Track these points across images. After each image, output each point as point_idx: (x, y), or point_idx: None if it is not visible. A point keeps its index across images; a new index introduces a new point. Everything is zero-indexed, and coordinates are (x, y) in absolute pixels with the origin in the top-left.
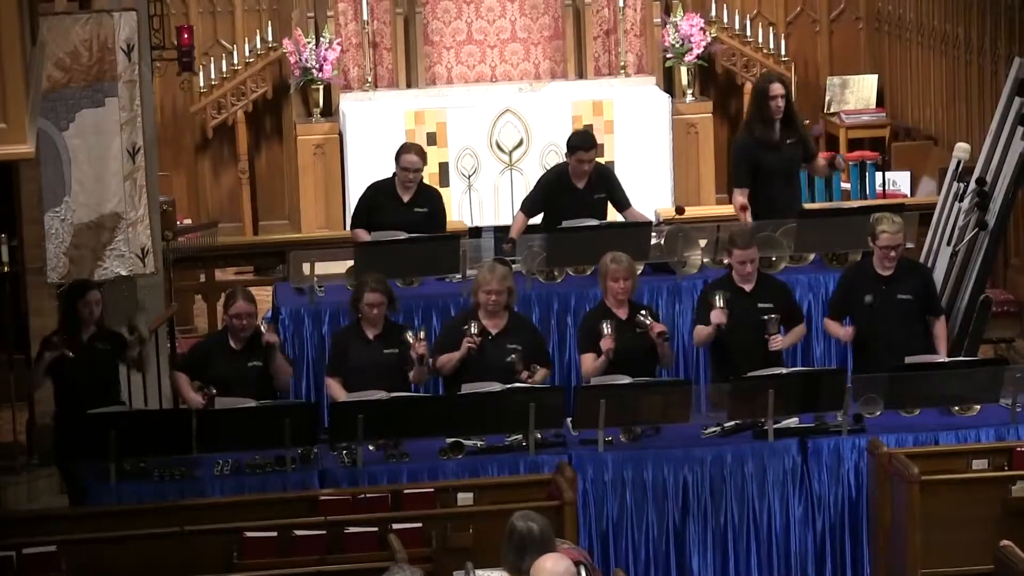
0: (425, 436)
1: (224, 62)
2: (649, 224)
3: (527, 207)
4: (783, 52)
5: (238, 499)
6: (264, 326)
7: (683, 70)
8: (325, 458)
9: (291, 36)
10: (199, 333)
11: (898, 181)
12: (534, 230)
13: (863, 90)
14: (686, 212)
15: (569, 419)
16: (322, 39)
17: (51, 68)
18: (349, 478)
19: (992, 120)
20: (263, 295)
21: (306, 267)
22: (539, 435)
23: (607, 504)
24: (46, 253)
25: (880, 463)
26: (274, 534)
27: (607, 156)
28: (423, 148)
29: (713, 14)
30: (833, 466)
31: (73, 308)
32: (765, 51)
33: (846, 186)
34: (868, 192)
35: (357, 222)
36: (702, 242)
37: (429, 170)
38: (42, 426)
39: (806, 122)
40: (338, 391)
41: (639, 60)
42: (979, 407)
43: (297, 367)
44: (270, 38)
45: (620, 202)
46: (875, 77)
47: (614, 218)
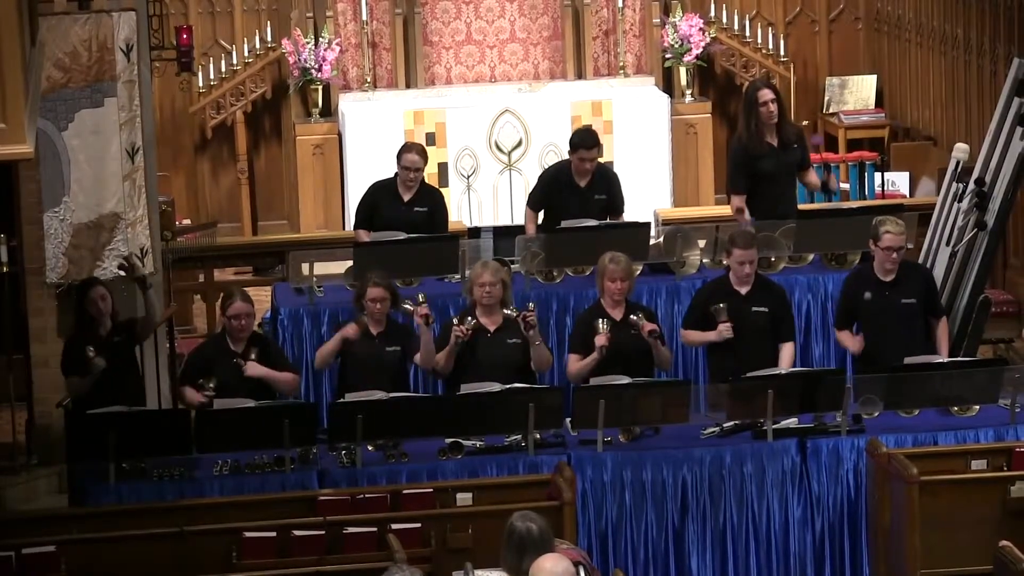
0: (424, 436)
1: (223, 62)
2: (648, 224)
3: (533, 203)
4: (782, 52)
5: (237, 499)
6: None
7: (682, 70)
8: (324, 458)
9: (290, 36)
10: (198, 333)
11: (897, 181)
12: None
13: (862, 90)
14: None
15: (568, 419)
16: (321, 39)
17: (50, 68)
18: (348, 478)
19: (991, 120)
20: (262, 295)
21: (305, 267)
22: (538, 435)
23: (606, 504)
24: (45, 253)
25: (879, 463)
26: (273, 534)
27: (606, 156)
28: (424, 147)
29: (712, 14)
30: (832, 466)
31: (82, 309)
32: (764, 51)
33: (845, 187)
34: (867, 193)
35: (359, 222)
36: (701, 243)
37: (428, 170)
38: (42, 426)
39: (805, 123)
40: None
41: (638, 60)
42: (978, 407)
43: (296, 367)
44: (269, 38)
45: (615, 207)
46: (874, 77)
47: None
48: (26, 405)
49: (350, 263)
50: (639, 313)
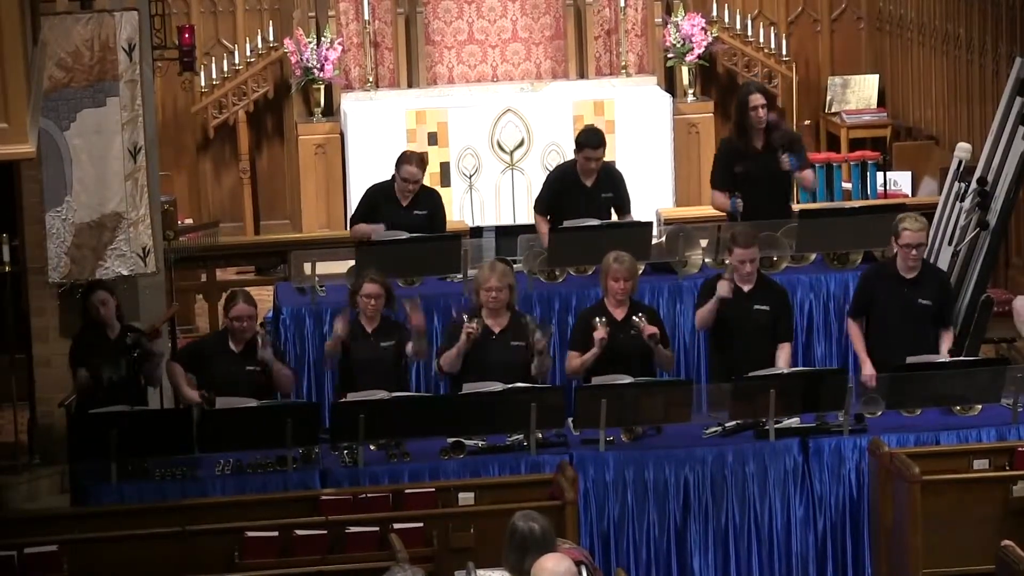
0: (426, 436)
1: (225, 62)
2: (650, 224)
3: (542, 207)
4: (784, 52)
5: (239, 499)
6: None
7: (684, 70)
8: (326, 458)
9: (292, 36)
10: (200, 333)
11: (899, 181)
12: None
13: (864, 90)
14: (686, 212)
15: (570, 419)
16: (323, 39)
17: (52, 68)
18: (350, 478)
19: (993, 120)
20: (264, 295)
21: (307, 267)
22: (540, 435)
23: (608, 504)
24: (47, 253)
25: (881, 463)
26: (275, 534)
27: (608, 156)
28: (424, 158)
29: (714, 14)
30: (834, 466)
31: (87, 314)
32: (766, 51)
33: (847, 186)
34: (869, 192)
35: (359, 217)
36: (703, 242)
37: (430, 170)
38: (44, 426)
39: (806, 123)
40: None
41: (640, 60)
42: (980, 407)
43: (297, 367)
44: (271, 38)
45: (621, 207)
46: (876, 77)
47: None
48: (28, 405)
49: (352, 263)
50: (640, 315)
